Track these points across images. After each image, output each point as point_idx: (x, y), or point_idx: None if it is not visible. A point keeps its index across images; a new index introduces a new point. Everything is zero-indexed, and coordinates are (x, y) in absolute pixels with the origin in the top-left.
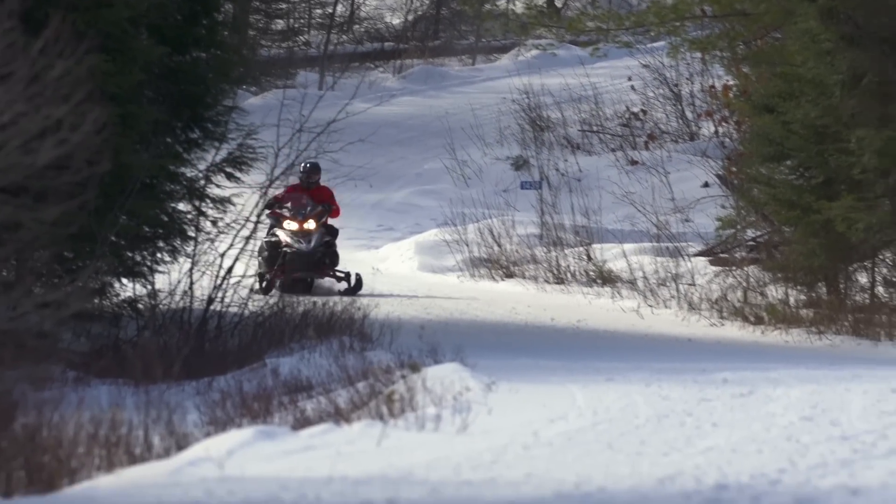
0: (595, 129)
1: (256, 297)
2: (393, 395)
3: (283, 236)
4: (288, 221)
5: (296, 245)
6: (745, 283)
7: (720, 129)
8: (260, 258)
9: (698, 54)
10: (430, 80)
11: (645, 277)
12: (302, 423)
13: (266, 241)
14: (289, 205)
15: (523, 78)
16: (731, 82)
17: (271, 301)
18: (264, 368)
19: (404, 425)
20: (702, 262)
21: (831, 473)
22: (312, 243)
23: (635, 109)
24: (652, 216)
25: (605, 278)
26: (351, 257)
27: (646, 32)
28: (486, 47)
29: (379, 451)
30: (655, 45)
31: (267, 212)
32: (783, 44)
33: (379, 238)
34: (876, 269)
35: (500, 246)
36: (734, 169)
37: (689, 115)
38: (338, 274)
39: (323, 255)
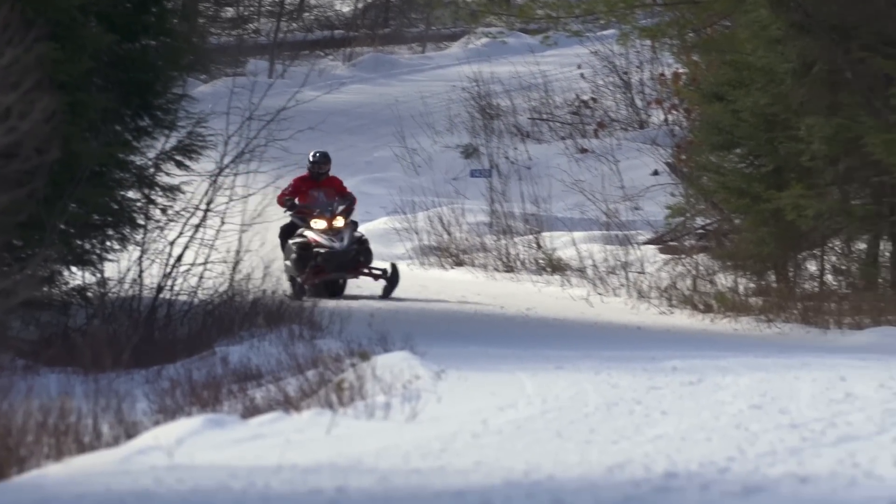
0: (545, 117)
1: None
2: (342, 383)
3: (312, 236)
4: (315, 220)
5: (328, 244)
6: (694, 272)
7: (670, 117)
8: (288, 262)
9: (648, 42)
10: (380, 68)
11: (594, 265)
12: (251, 411)
13: (294, 243)
14: (313, 202)
15: (473, 66)
16: (681, 70)
17: (221, 289)
18: (214, 357)
19: (353, 414)
20: (651, 250)
21: (780, 461)
22: (346, 241)
23: (585, 97)
24: (601, 204)
25: (555, 266)
26: None
27: (595, 20)
28: (435, 35)
29: (328, 440)
30: (605, 33)
31: (290, 213)
32: (733, 32)
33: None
34: (825, 258)
35: (449, 234)
36: (684, 157)
37: (638, 103)
38: (374, 272)
39: (357, 253)
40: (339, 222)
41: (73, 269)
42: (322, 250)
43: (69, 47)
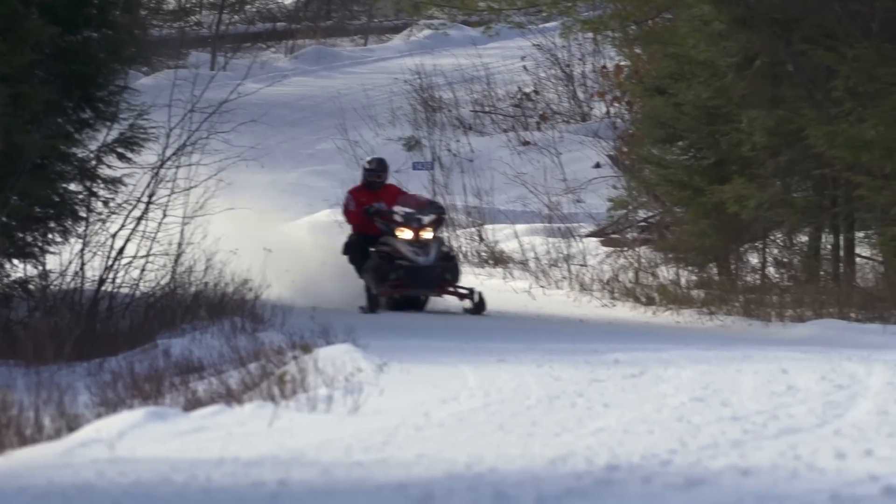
0: (487, 109)
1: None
2: (284, 376)
3: (396, 247)
4: (401, 229)
5: (411, 258)
6: (636, 264)
7: (612, 110)
8: (367, 273)
9: (590, 35)
10: (323, 61)
11: (537, 258)
12: (193, 404)
13: (375, 251)
14: (399, 209)
15: (415, 58)
16: (623, 63)
17: (163, 282)
18: (156, 349)
19: (296, 406)
20: (593, 242)
21: (722, 454)
22: (432, 255)
23: (527, 90)
24: (543, 197)
25: (497, 259)
26: (244, 237)
27: (538, 12)
28: (378, 27)
29: (270, 433)
30: (548, 25)
31: (378, 219)
32: (675, 25)
33: (271, 219)
34: (766, 250)
35: None
36: (626, 150)
37: (580, 95)
38: (460, 291)
39: (443, 270)
40: (427, 235)
41: (15, 261)
42: (404, 263)
43: (11, 39)
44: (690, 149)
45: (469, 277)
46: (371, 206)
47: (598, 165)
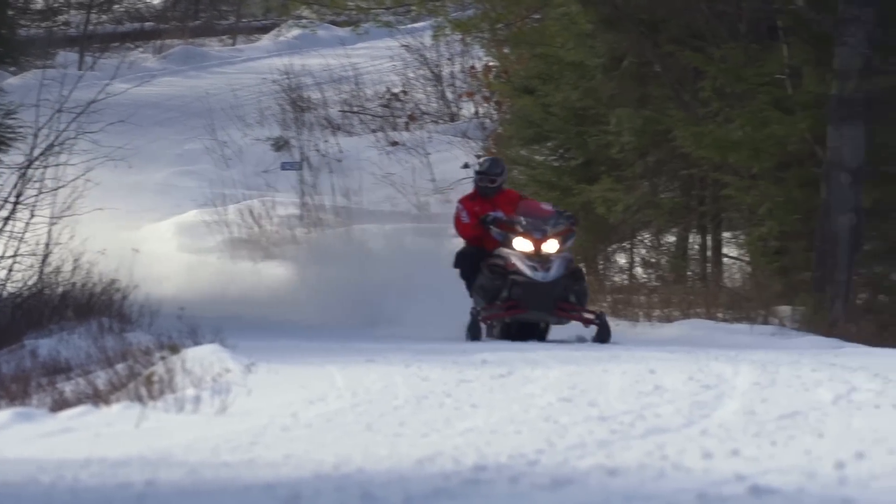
0: (355, 109)
1: None
2: (152, 376)
3: (512, 261)
4: (520, 239)
5: (528, 273)
6: None
7: (480, 111)
8: (475, 291)
9: (459, 35)
10: (191, 61)
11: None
12: (60, 404)
13: (487, 265)
14: (522, 218)
15: (284, 58)
16: (492, 63)
17: (30, 282)
18: (23, 350)
19: (163, 407)
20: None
21: (589, 454)
22: (553, 272)
23: (396, 90)
24: (412, 197)
25: (366, 259)
26: (112, 238)
27: (407, 12)
28: (246, 27)
29: (138, 433)
30: (417, 25)
31: (494, 228)
32: (543, 25)
33: (139, 219)
34: (634, 251)
35: (260, 227)
36: (494, 150)
37: (449, 96)
38: (585, 316)
39: (565, 290)
40: (551, 247)
41: None
42: (519, 279)
43: None
44: (559, 149)
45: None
46: (488, 215)
47: (466, 166)
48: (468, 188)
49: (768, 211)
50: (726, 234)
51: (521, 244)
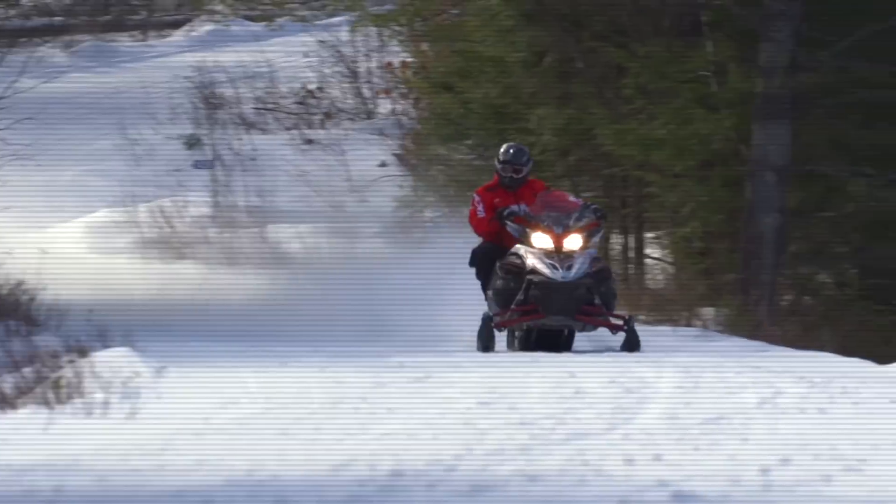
0: (270, 107)
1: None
2: (60, 380)
3: (528, 258)
4: (538, 234)
5: (547, 272)
6: (424, 266)
7: (398, 108)
8: (490, 293)
9: (375, 31)
10: (101, 57)
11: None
12: None
13: (501, 265)
14: (544, 213)
15: (196, 54)
16: (410, 59)
17: None
18: None
19: (71, 412)
20: (379, 243)
21: (509, 460)
22: (574, 270)
23: (311, 87)
24: (328, 196)
25: (280, 260)
26: (19, 238)
27: (322, 7)
28: (158, 22)
29: (45, 439)
30: (333, 20)
31: (509, 223)
32: (462, 21)
33: (47, 219)
34: None
35: (171, 227)
36: (412, 148)
37: (366, 92)
38: (612, 321)
39: (589, 291)
40: (574, 243)
41: None
42: (535, 279)
43: None
44: (478, 147)
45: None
46: (505, 208)
47: (383, 164)
48: (386, 187)
49: (692, 211)
50: (649, 235)
51: (540, 240)
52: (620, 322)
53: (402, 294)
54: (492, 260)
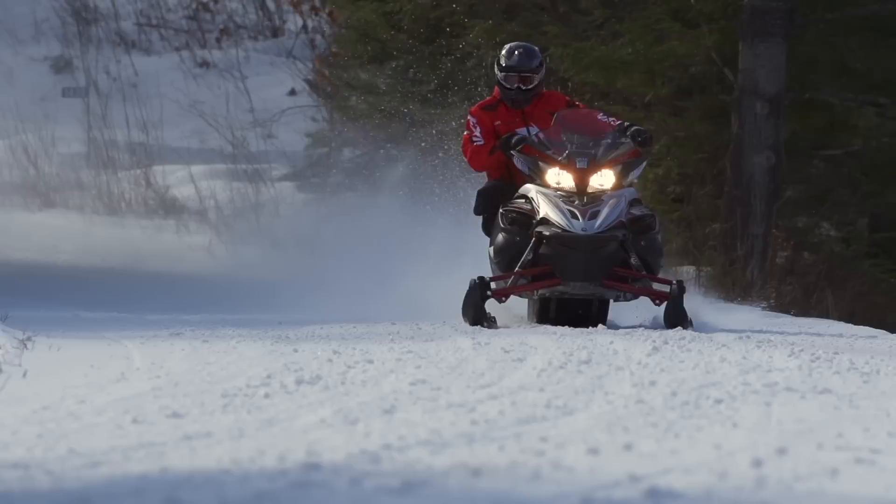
0: (154, 22)
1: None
2: None
3: (540, 204)
4: (555, 170)
5: (563, 223)
6: (342, 215)
7: (310, 24)
8: (490, 250)
9: None
10: None
11: (218, 207)
12: None
13: (503, 213)
14: (564, 138)
15: None
16: None
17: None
18: None
19: None
20: (289, 188)
21: (447, 450)
22: (600, 219)
23: None
24: (226, 131)
25: (169, 208)
26: None
27: None
28: None
29: None
30: None
31: (518, 153)
32: None
33: None
34: None
35: (36, 168)
36: (327, 73)
37: (270, 5)
38: (653, 288)
39: (622, 248)
40: (602, 180)
41: None
42: (547, 232)
43: None
44: (407, 71)
45: (134, 231)
46: (511, 134)
47: (293, 92)
48: (297, 120)
49: (666, 148)
50: None
51: (557, 177)
52: (666, 289)
53: (320, 252)
54: (497, 203)
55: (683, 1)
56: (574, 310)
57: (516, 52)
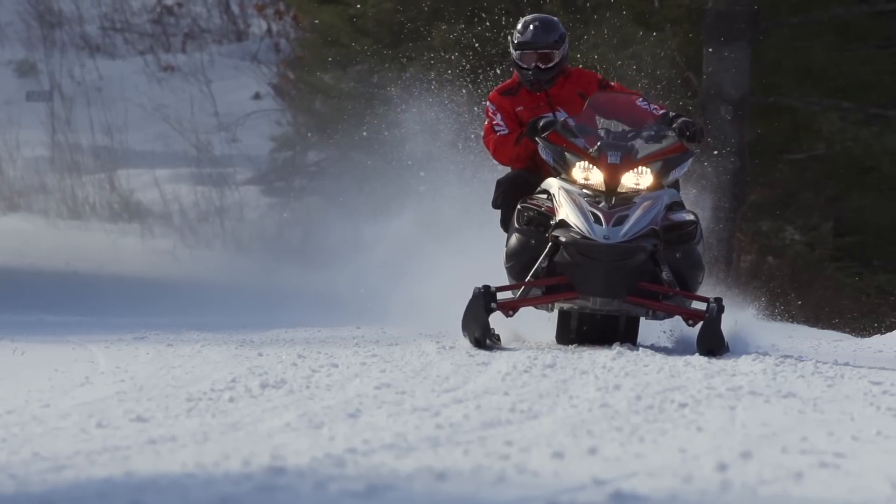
0: (119, 26)
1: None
2: None
3: (561, 203)
4: (581, 164)
5: (583, 228)
6: (306, 219)
7: (274, 28)
8: (505, 254)
9: None
10: None
11: (182, 211)
12: None
13: (521, 211)
14: (597, 127)
15: None
16: None
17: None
18: None
19: None
20: (253, 191)
21: (412, 454)
22: (628, 225)
23: (169, 2)
24: (191, 135)
25: (133, 212)
26: None
27: None
28: None
29: None
30: None
31: (543, 142)
32: None
33: None
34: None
35: (0, 172)
36: (291, 76)
37: (235, 9)
38: (687, 306)
39: (652, 260)
40: (637, 179)
41: None
42: (566, 237)
43: None
44: (372, 74)
45: (97, 234)
46: (540, 117)
47: (257, 96)
48: (261, 124)
49: None
50: None
51: (585, 172)
52: (702, 307)
53: (286, 256)
54: (517, 197)
55: (648, 6)
56: (599, 327)
57: (531, 26)
